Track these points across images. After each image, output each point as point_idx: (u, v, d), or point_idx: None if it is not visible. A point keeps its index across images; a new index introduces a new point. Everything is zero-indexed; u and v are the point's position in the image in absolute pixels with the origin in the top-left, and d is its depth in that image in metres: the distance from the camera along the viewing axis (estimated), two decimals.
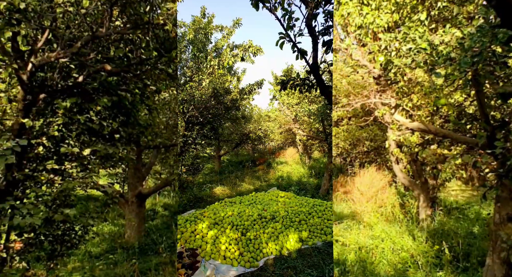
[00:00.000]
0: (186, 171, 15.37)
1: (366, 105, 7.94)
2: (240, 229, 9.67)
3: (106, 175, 13.75)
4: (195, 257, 8.52)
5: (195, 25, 13.59)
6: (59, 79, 5.05)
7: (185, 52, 14.02)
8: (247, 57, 13.41)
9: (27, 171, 4.92)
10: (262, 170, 21.68)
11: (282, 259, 8.74)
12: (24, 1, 3.96)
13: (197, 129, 14.61)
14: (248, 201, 12.82)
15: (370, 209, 9.41)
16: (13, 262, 4.90)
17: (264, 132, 22.15)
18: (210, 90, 13.53)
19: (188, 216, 10.95)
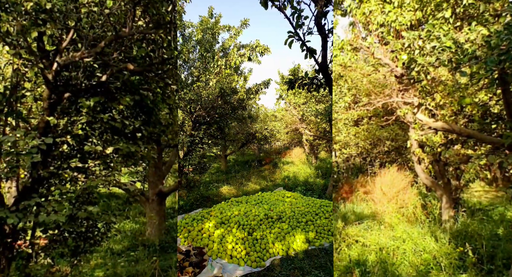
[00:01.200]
0: (193, 170, 15.45)
1: (388, 104, 7.84)
2: (246, 228, 9.68)
3: (127, 173, 13.93)
4: (202, 256, 8.57)
5: (202, 25, 13.64)
6: (83, 78, 5.12)
7: (193, 52, 14.08)
8: (254, 57, 13.40)
9: (52, 168, 5.00)
10: (268, 170, 21.61)
11: (288, 259, 8.71)
12: (50, 2, 4.02)
13: (204, 129, 14.69)
14: (255, 200, 12.80)
15: (391, 209, 9.28)
16: (38, 258, 5.00)
17: (270, 132, 22.04)
18: (217, 90, 13.55)
19: (195, 215, 11.00)
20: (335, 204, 10.71)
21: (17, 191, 4.92)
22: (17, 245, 4.76)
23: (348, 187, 12.37)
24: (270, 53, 13.32)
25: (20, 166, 4.46)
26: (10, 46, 4.26)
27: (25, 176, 5.41)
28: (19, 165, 4.42)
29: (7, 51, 5.10)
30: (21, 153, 4.26)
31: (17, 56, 4.27)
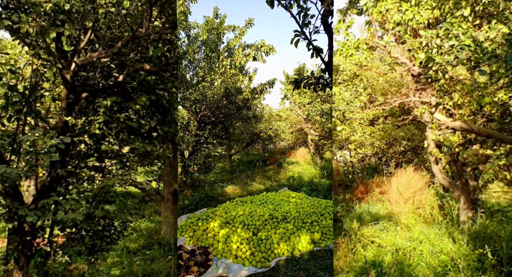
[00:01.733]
0: (198, 169, 15.47)
1: (404, 104, 7.75)
2: (251, 228, 9.65)
3: (143, 172, 14.04)
4: (207, 255, 8.58)
5: (207, 25, 13.66)
6: (100, 78, 5.18)
7: (198, 52, 14.12)
8: (259, 56, 13.39)
9: (70, 167, 5.07)
10: (273, 170, 21.45)
11: (294, 260, 8.65)
12: (69, 2, 4.07)
13: (209, 129, 14.71)
14: (259, 200, 12.73)
15: (408, 210, 9.18)
16: (56, 256, 5.07)
17: (275, 132, 21.94)
18: (222, 90, 13.57)
19: (200, 214, 11.00)
20: (350, 205, 10.63)
21: (36, 190, 4.99)
22: (35, 243, 4.82)
23: (363, 187, 12.27)
24: (276, 53, 13.30)
25: (39, 165, 4.52)
26: (30, 46, 4.33)
27: (43, 174, 5.49)
28: (38, 164, 4.48)
29: (26, 52, 5.18)
30: (40, 152, 4.32)
31: (36, 56, 4.33)
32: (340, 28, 7.82)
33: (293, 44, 5.06)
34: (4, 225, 10.32)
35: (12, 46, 6.70)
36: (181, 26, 13.24)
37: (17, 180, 4.46)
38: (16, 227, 4.52)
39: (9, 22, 4.07)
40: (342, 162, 17.08)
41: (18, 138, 4.56)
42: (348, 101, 8.17)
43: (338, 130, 8.29)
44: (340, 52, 7.62)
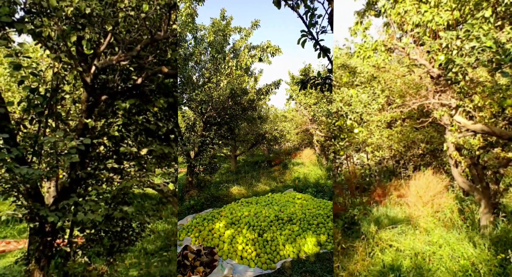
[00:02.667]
0: (203, 170, 15.51)
1: (423, 106, 7.65)
2: (256, 229, 9.61)
3: (160, 174, 14.15)
4: (213, 256, 8.58)
5: (214, 27, 13.72)
6: (119, 81, 5.23)
7: (205, 54, 14.19)
8: (265, 57, 13.39)
9: (89, 169, 5.13)
10: (278, 171, 21.30)
11: (299, 262, 8.57)
12: (90, 6, 4.13)
13: (214, 130, 14.74)
14: (265, 201, 12.67)
15: (427, 213, 9.04)
16: (76, 256, 5.13)
17: (280, 132, 21.80)
18: (228, 91, 13.58)
19: (205, 215, 11.01)
20: (368, 208, 10.52)
21: (56, 191, 5.07)
22: (56, 243, 4.89)
23: (381, 190, 12.15)
24: (282, 54, 13.28)
25: (60, 166, 4.59)
26: (51, 50, 4.40)
27: (63, 176, 5.57)
28: (59, 165, 4.55)
29: (47, 55, 5.27)
30: (61, 154, 4.39)
31: (58, 59, 4.40)
32: (358, 30, 7.77)
33: (300, 45, 5.04)
34: (25, 226, 10.52)
35: (34, 49, 6.83)
36: (188, 28, 13.35)
37: (38, 181, 4.54)
38: (38, 227, 4.59)
39: (31, 26, 4.14)
40: (359, 165, 16.91)
41: (39, 140, 4.64)
42: (366, 104, 8.09)
43: (355, 132, 8.21)
44: (357, 54, 7.56)
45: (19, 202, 4.55)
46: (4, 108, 4.16)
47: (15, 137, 4.42)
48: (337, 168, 16.01)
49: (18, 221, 4.35)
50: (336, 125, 8.09)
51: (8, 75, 7.97)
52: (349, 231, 9.33)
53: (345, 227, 9.61)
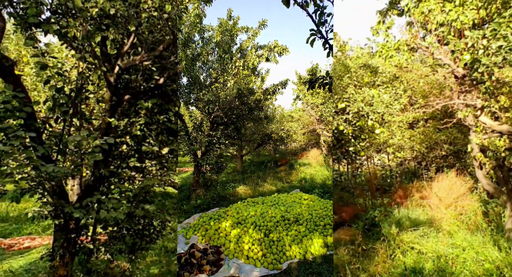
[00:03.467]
0: (210, 169, 15.56)
1: (448, 106, 7.51)
2: (263, 229, 9.59)
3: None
4: (219, 255, 8.58)
5: (221, 27, 13.75)
6: (142, 81, 5.29)
7: (212, 54, 14.26)
8: (272, 57, 13.33)
9: (112, 167, 5.21)
10: (284, 171, 21.13)
11: (306, 263, 8.51)
12: (114, 7, 4.19)
13: (221, 129, 14.77)
14: (271, 201, 12.61)
15: (450, 216, 8.88)
16: (99, 253, 5.21)
17: (286, 132, 21.65)
18: (235, 91, 13.59)
19: (212, 214, 11.03)
20: (389, 209, 10.39)
21: (80, 189, 5.15)
22: (79, 240, 4.98)
23: (402, 191, 11.98)
24: (289, 53, 13.23)
25: (84, 165, 4.66)
26: (76, 50, 4.47)
27: (87, 174, 5.67)
28: (83, 164, 4.63)
29: (72, 55, 5.36)
30: (85, 152, 4.46)
31: (82, 60, 4.47)
32: (380, 29, 7.69)
33: (309, 44, 5.01)
34: (49, 223, 10.75)
35: (59, 50, 6.97)
36: (196, 29, 13.44)
37: (63, 179, 4.63)
38: (62, 224, 4.68)
39: (57, 26, 4.22)
40: (380, 166, 16.71)
41: (64, 139, 4.73)
42: (388, 104, 8.00)
43: (377, 133, 8.13)
44: (379, 54, 7.48)
45: (45, 199, 4.64)
46: (30, 107, 4.25)
47: (41, 136, 4.51)
48: (357, 168, 15.85)
49: (43, 218, 4.43)
50: (357, 126, 8.02)
51: (34, 75, 8.16)
52: (370, 232, 9.23)
53: (365, 229, 9.52)
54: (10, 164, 4.21)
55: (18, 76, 4.35)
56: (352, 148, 8.12)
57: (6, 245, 9.18)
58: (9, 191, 4.09)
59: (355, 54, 9.87)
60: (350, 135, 7.96)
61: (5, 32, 4.57)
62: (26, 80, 8.19)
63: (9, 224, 11.48)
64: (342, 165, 17.06)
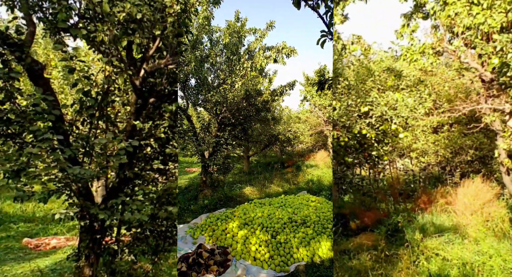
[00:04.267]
0: (217, 170, 15.55)
1: (474, 111, 7.36)
2: (270, 231, 9.50)
3: None
4: (226, 255, 8.55)
5: (229, 29, 13.78)
6: (166, 84, 5.35)
7: (220, 55, 14.33)
8: (280, 58, 13.28)
9: (136, 169, 5.27)
10: (291, 173, 20.85)
11: (314, 266, 8.38)
12: (141, 12, 4.25)
13: (228, 130, 14.78)
14: (278, 203, 12.47)
15: (475, 222, 8.68)
16: (123, 254, 5.28)
17: (293, 134, 21.40)
18: (243, 92, 13.60)
19: (219, 214, 10.97)
20: (412, 215, 10.23)
21: (105, 190, 5.23)
22: (104, 241, 5.05)
23: (426, 197, 11.77)
24: (297, 55, 13.13)
25: (109, 167, 4.74)
26: (104, 54, 4.56)
27: (111, 176, 5.75)
28: (108, 166, 4.70)
29: (99, 59, 5.46)
30: (110, 155, 4.53)
31: (109, 63, 4.55)
32: (404, 32, 7.61)
33: (319, 45, 4.97)
34: (74, 223, 10.95)
35: (85, 53, 7.11)
36: (204, 31, 13.55)
37: (89, 181, 4.71)
38: (87, 225, 4.76)
39: (85, 31, 4.31)
40: (403, 170, 16.47)
41: (90, 141, 4.82)
42: (412, 108, 7.88)
43: (400, 137, 8.03)
44: (403, 57, 7.40)
45: (71, 200, 4.74)
46: (59, 110, 4.35)
47: (68, 138, 4.61)
48: (379, 173, 15.67)
49: (69, 219, 4.51)
50: (380, 130, 7.93)
51: (61, 78, 8.34)
52: (393, 238, 9.10)
53: (388, 234, 9.39)
54: (38, 165, 4.31)
55: (47, 80, 4.46)
56: (375, 152, 8.02)
57: (33, 245, 9.39)
58: (37, 192, 4.18)
59: (378, 58, 9.77)
60: (373, 139, 7.87)
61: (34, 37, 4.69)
62: (54, 83, 8.38)
63: (36, 224, 11.75)
64: (364, 169, 16.92)
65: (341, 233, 10.17)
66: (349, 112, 7.43)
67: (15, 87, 4.19)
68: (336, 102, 7.46)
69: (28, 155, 3.84)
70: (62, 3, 3.98)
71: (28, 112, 4.21)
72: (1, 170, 3.85)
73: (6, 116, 4.19)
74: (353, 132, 7.23)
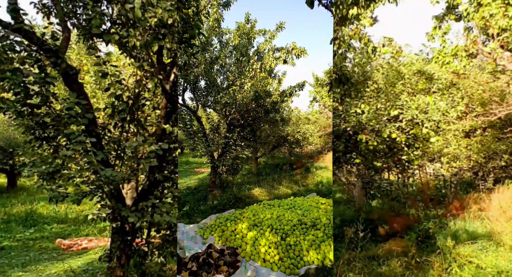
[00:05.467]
0: (226, 170, 15.52)
1: (511, 115, 7.14)
2: (279, 233, 9.38)
3: None
4: (236, 256, 8.47)
5: (239, 31, 13.78)
6: None
7: (230, 57, 14.37)
8: (289, 59, 13.15)
9: (166, 172, 5.34)
10: (300, 174, 20.51)
11: (324, 270, 8.20)
12: (172, 17, 4.32)
13: (237, 131, 14.74)
14: (287, 205, 12.32)
15: (511, 229, 8.39)
16: (153, 256, 5.35)
17: (302, 135, 21.04)
18: (252, 93, 13.57)
19: (228, 215, 10.94)
20: (444, 221, 9.97)
21: (136, 193, 5.32)
22: (135, 243, 5.13)
23: (458, 203, 11.47)
24: (307, 55, 12.98)
25: (140, 170, 4.81)
26: (135, 59, 4.64)
27: (142, 179, 5.84)
28: (139, 169, 4.78)
29: (130, 63, 5.57)
30: (141, 158, 4.60)
31: (140, 68, 4.63)
32: (436, 34, 7.46)
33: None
34: (105, 225, 11.18)
35: (117, 58, 7.26)
36: (214, 33, 13.65)
37: (120, 183, 4.80)
38: (119, 227, 4.84)
39: (117, 36, 4.40)
40: (433, 175, 16.09)
41: (122, 144, 4.91)
42: (444, 112, 7.69)
43: (432, 142, 7.85)
44: (435, 59, 7.25)
45: (103, 202, 4.83)
46: (92, 114, 4.45)
47: (101, 141, 4.71)
48: (408, 178, 15.36)
49: (101, 220, 4.62)
50: (411, 134, 7.78)
51: (93, 83, 8.55)
52: (423, 244, 8.89)
53: (418, 240, 9.20)
54: (72, 168, 4.42)
55: (81, 84, 4.58)
56: (405, 156, 7.87)
57: (66, 246, 9.63)
58: (71, 193, 4.29)
59: (408, 60, 9.60)
60: (403, 143, 7.72)
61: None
62: (86, 88, 8.59)
63: (68, 225, 12.06)
64: (393, 173, 16.65)
65: (370, 238, 10.00)
66: (378, 116, 7.32)
67: (51, 91, 4.31)
68: (365, 106, 7.35)
69: (63, 157, 3.95)
70: (96, 9, 4.08)
71: (63, 116, 4.33)
72: (38, 172, 3.97)
73: (42, 120, 4.32)
74: (383, 136, 7.12)
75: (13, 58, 4.14)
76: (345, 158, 8.60)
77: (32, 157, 4.67)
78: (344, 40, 5.76)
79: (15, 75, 3.92)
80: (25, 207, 13.70)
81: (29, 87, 4.19)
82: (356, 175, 14.80)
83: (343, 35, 5.76)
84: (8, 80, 3.91)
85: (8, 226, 11.73)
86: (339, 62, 7.01)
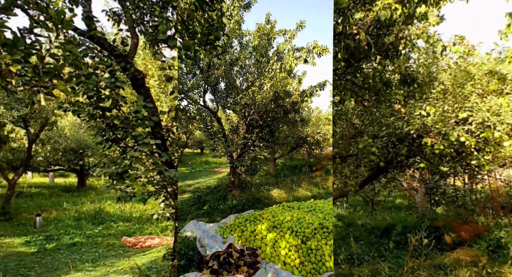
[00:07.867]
0: (245, 171, 15.37)
1: None
2: (300, 236, 9.04)
3: None
4: (255, 257, 8.26)
5: (259, 32, 13.58)
6: None
7: (249, 58, 14.25)
8: (310, 58, 12.64)
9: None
10: (320, 177, 19.75)
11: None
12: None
13: (256, 132, 14.56)
14: (307, 207, 11.85)
15: None
16: None
17: (323, 136, 20.13)
18: (271, 94, 13.36)
19: (247, 216, 10.73)
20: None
21: None
22: None
23: None
24: (329, 53, 12.44)
25: None
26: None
27: None
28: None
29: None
30: None
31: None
32: (510, 32, 7.01)
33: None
34: (167, 224, 11.56)
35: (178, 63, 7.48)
36: (234, 35, 13.66)
37: None
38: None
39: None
40: (505, 182, 15.12)
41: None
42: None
43: (505, 146, 7.36)
44: (509, 59, 6.81)
45: (167, 202, 4.98)
46: (157, 116, 4.61)
47: (165, 143, 4.87)
48: (476, 183, 14.54)
49: (165, 219, 4.76)
50: (481, 137, 7.35)
51: (157, 87, 8.87)
52: (495, 254, 8.38)
53: (489, 250, 8.68)
54: (139, 168, 4.60)
55: (148, 88, 4.76)
56: (475, 161, 7.43)
57: (131, 243, 10.07)
58: (137, 193, 4.46)
59: (478, 60, 9.08)
60: (473, 147, 7.30)
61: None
62: (150, 91, 8.92)
63: (132, 223, 12.61)
64: (459, 179, 15.89)
65: (434, 246, 9.55)
66: (445, 119, 6.98)
67: (120, 95, 4.52)
68: (431, 108, 7.04)
69: (131, 158, 4.12)
70: (163, 15, 4.23)
71: (131, 119, 4.52)
72: (107, 172, 4.17)
73: (112, 122, 4.54)
74: (450, 140, 6.78)
75: (87, 63, 4.39)
76: (407, 162, 8.24)
77: (100, 158, 4.91)
78: (410, 40, 5.56)
79: (89, 80, 4.15)
80: (94, 206, 14.50)
81: (101, 91, 4.42)
82: (419, 180, 14.21)
83: (410, 34, 5.55)
84: (83, 84, 4.15)
85: (78, 223, 12.46)
86: (403, 62, 6.77)
